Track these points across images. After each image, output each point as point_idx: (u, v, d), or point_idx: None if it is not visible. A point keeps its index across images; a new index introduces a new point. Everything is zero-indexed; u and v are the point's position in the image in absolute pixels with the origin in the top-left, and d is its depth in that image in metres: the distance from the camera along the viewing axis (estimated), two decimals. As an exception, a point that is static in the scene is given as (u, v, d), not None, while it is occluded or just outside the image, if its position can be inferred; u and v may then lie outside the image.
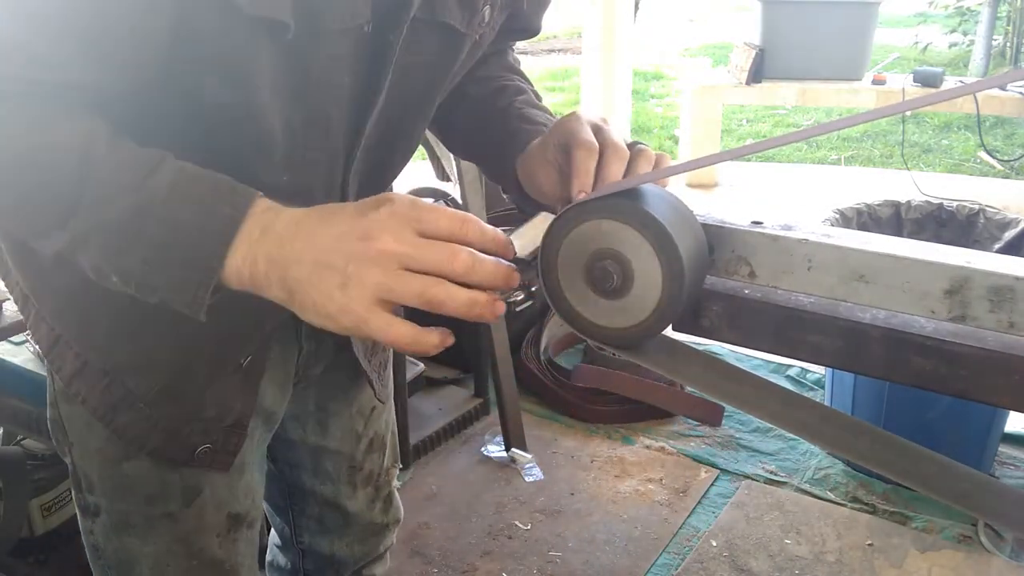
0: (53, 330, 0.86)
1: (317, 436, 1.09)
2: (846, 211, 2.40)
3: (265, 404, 0.95)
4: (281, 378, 0.96)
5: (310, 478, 1.12)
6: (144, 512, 0.92)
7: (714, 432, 2.46)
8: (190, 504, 0.92)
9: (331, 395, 1.08)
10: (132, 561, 0.94)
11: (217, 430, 0.89)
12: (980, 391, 0.67)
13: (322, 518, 1.14)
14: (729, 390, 0.78)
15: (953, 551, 1.99)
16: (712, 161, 0.75)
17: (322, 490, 1.12)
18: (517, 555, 2.01)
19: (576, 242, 0.74)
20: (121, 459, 0.89)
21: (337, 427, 1.09)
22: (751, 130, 5.96)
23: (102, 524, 0.94)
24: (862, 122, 0.63)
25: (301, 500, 1.14)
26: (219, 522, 0.95)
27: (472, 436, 2.47)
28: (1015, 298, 0.65)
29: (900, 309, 0.70)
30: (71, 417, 0.90)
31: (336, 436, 1.10)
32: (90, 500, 0.94)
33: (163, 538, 0.93)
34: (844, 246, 0.71)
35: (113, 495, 0.92)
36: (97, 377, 0.85)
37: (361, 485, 1.14)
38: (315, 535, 1.16)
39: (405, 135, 0.88)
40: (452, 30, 0.79)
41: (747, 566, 1.96)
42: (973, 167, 5.02)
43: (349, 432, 1.10)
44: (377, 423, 1.14)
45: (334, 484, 1.12)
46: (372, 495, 1.16)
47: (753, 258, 0.75)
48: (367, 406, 1.11)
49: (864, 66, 4.31)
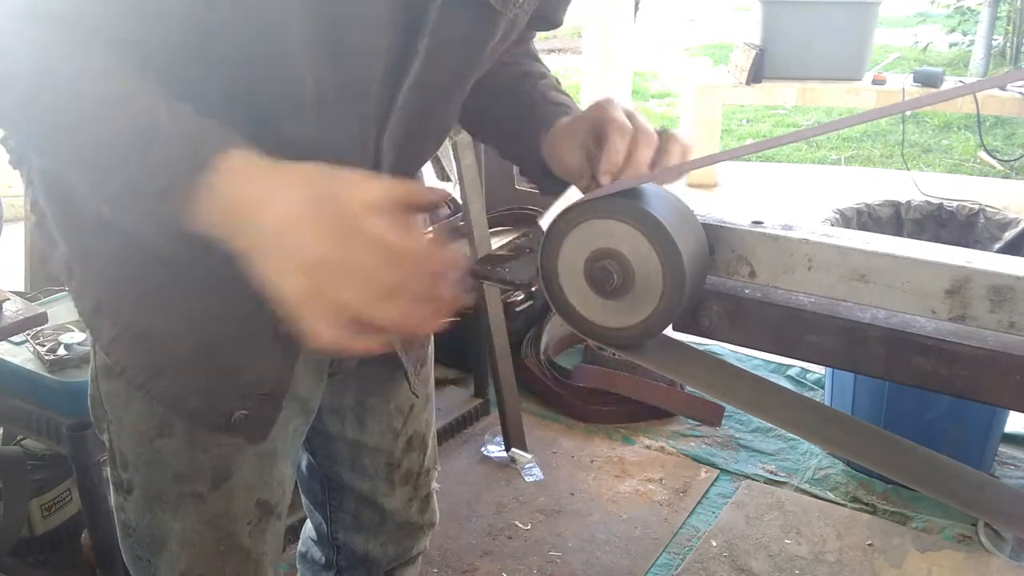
0: (93, 298, 0.88)
1: (355, 431, 1.10)
2: (846, 211, 2.40)
3: (299, 391, 0.96)
4: (315, 365, 0.97)
5: (348, 473, 1.13)
6: (174, 490, 0.93)
7: (714, 432, 2.46)
8: (219, 487, 0.94)
9: (369, 390, 1.08)
10: (163, 537, 0.95)
11: (253, 396, 0.89)
12: (980, 391, 0.67)
13: (358, 514, 1.15)
14: (729, 390, 0.78)
15: (953, 551, 1.99)
16: (712, 161, 0.75)
17: (360, 486, 1.13)
18: (517, 555, 2.01)
19: (576, 242, 0.74)
20: (154, 436, 0.91)
21: (375, 423, 1.10)
22: (751, 130, 5.95)
23: (135, 500, 0.95)
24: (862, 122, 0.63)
25: (339, 495, 1.15)
26: (248, 509, 0.96)
27: (472, 436, 2.46)
28: (1015, 298, 0.65)
29: (900, 309, 0.70)
30: (110, 393, 0.92)
31: (374, 432, 1.10)
32: (124, 477, 0.95)
33: (190, 517, 0.94)
34: (844, 246, 0.71)
35: (147, 471, 0.93)
36: (133, 343, 0.87)
37: (400, 483, 1.14)
38: (350, 531, 1.17)
39: (440, 111, 0.89)
40: (487, 7, 0.80)
41: (747, 566, 1.96)
42: (973, 167, 5.02)
43: (387, 429, 1.11)
44: (417, 421, 1.14)
45: (372, 480, 1.13)
46: (410, 493, 1.16)
47: (753, 258, 0.75)
48: (406, 403, 1.12)
49: (864, 66, 4.31)
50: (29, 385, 1.57)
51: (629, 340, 0.76)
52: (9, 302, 1.47)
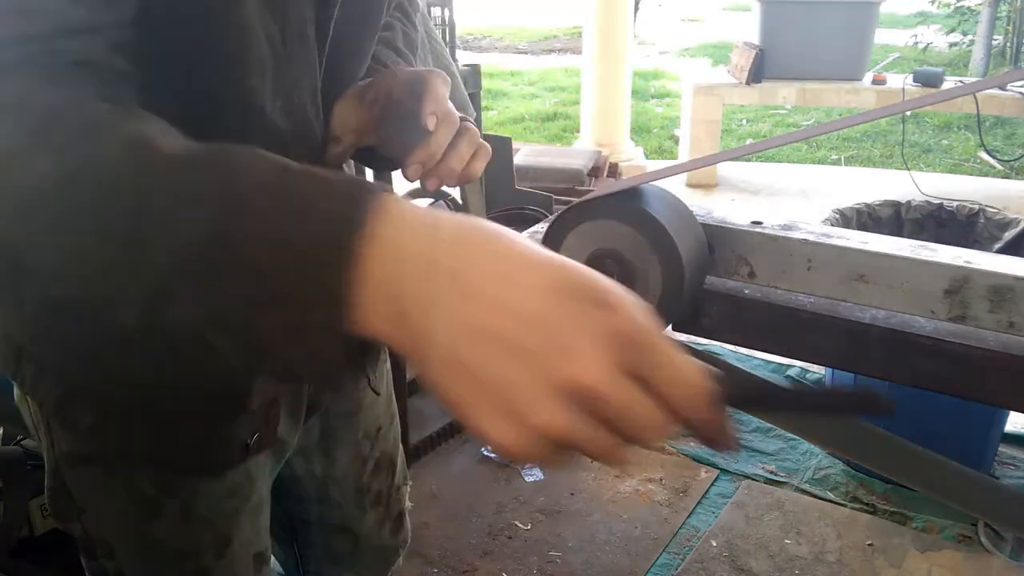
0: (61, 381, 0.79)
1: (323, 466, 1.06)
2: (846, 211, 2.40)
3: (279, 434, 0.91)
4: (294, 407, 0.93)
5: (316, 507, 1.09)
6: (177, 569, 0.88)
7: (714, 432, 2.46)
8: (223, 555, 0.89)
9: (336, 424, 1.05)
10: None
11: (257, 417, 0.85)
12: (980, 391, 0.67)
13: (329, 544, 1.12)
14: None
15: (953, 551, 1.99)
16: (712, 161, 0.75)
17: (329, 516, 1.09)
18: (517, 555, 2.01)
19: (576, 241, 0.74)
20: (146, 520, 0.84)
21: (343, 453, 1.07)
22: (751, 130, 5.96)
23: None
24: (862, 122, 0.63)
25: (305, 531, 1.11)
26: (248, 565, 0.93)
27: (472, 436, 2.46)
28: (1015, 298, 0.65)
29: (900, 309, 0.70)
30: (80, 482, 0.84)
31: (342, 463, 1.07)
32: (109, 566, 0.88)
33: None
34: (844, 246, 0.71)
35: (142, 555, 0.87)
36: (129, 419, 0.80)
37: (371, 506, 1.11)
38: (323, 562, 1.13)
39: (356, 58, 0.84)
40: None
41: (747, 566, 1.96)
42: (973, 167, 5.02)
43: (355, 456, 1.08)
44: (385, 443, 1.11)
45: (341, 508, 1.09)
46: (382, 515, 1.13)
47: (753, 258, 0.75)
48: (372, 428, 1.08)
49: (864, 66, 4.31)
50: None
51: (629, 340, 0.76)
52: (9, 302, 1.46)
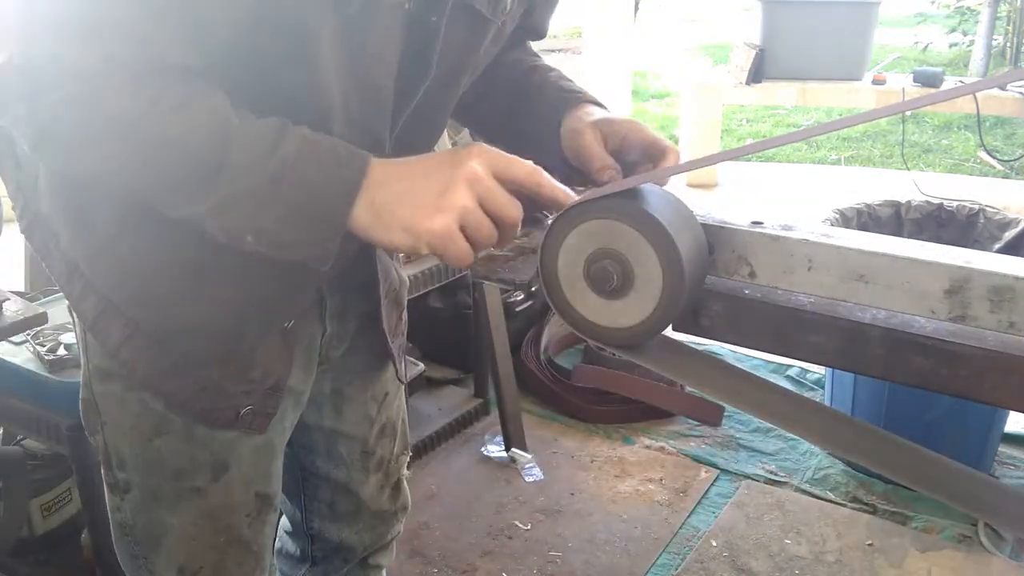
0: (102, 299, 0.87)
1: (332, 420, 1.11)
2: (846, 211, 2.40)
3: (294, 384, 0.98)
4: (306, 360, 0.99)
5: (324, 462, 1.14)
6: (173, 486, 0.94)
7: (714, 432, 2.46)
8: (218, 479, 0.95)
9: (348, 380, 1.10)
10: (160, 535, 0.96)
11: (259, 391, 0.92)
12: (980, 391, 0.67)
13: (333, 503, 1.17)
14: (729, 389, 0.78)
15: (953, 551, 1.99)
16: (712, 161, 0.75)
17: (336, 475, 1.14)
18: (517, 555, 2.01)
19: (576, 242, 0.74)
20: (152, 435, 0.92)
21: (352, 411, 1.12)
22: (751, 130, 5.95)
23: (132, 500, 0.96)
24: (862, 122, 0.63)
25: (314, 485, 1.16)
26: (247, 501, 0.98)
27: (472, 436, 2.46)
28: (1015, 298, 0.65)
29: (900, 309, 0.70)
30: (105, 395, 0.93)
31: (351, 420, 1.12)
32: (120, 477, 0.96)
33: (190, 512, 0.96)
34: (844, 246, 0.71)
35: (145, 470, 0.94)
36: (146, 344, 0.88)
37: (373, 470, 1.16)
38: (325, 520, 1.18)
39: (438, 110, 0.92)
40: (479, 15, 0.85)
41: (747, 566, 1.96)
42: (973, 167, 5.02)
43: (363, 417, 1.13)
44: (389, 409, 1.16)
45: (347, 469, 1.14)
46: (382, 481, 1.18)
47: (753, 258, 0.75)
48: (380, 392, 1.14)
49: (864, 66, 4.31)
50: (29, 385, 1.57)
51: (629, 340, 0.76)
52: (9, 302, 1.47)
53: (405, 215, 0.73)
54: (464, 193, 0.72)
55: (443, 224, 0.72)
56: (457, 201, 0.72)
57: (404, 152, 0.92)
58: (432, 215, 0.72)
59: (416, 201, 0.73)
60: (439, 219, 0.72)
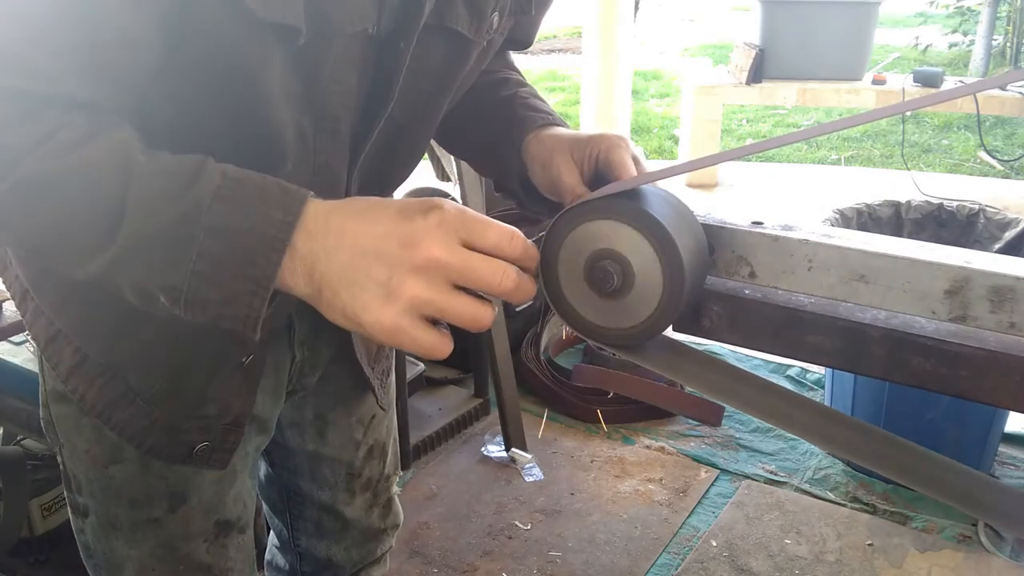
0: (52, 324, 0.84)
1: (315, 443, 1.08)
2: (846, 211, 2.40)
3: (258, 413, 0.94)
4: (273, 386, 0.95)
5: (308, 483, 1.11)
6: (129, 515, 0.91)
7: (714, 432, 2.46)
8: (176, 511, 0.92)
9: (330, 405, 1.07)
10: (120, 563, 0.94)
11: (216, 428, 0.88)
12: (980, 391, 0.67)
13: (319, 522, 1.14)
14: (729, 390, 0.78)
15: (953, 551, 1.99)
16: (712, 161, 0.75)
17: (319, 496, 1.12)
18: (517, 555, 2.01)
19: (576, 242, 0.74)
20: (108, 462, 0.89)
21: (336, 436, 1.08)
22: (751, 130, 5.95)
23: (91, 524, 0.94)
24: (862, 122, 0.63)
25: (299, 504, 1.14)
26: (206, 528, 0.95)
27: (472, 436, 2.47)
28: (1015, 298, 0.65)
29: (900, 309, 0.70)
30: (61, 417, 0.90)
31: (335, 444, 1.09)
32: (79, 500, 0.93)
33: (148, 542, 0.92)
34: (844, 246, 0.71)
35: (100, 496, 0.91)
36: (96, 372, 0.84)
37: (359, 491, 1.13)
38: (312, 538, 1.15)
39: (408, 143, 0.86)
40: (460, 37, 0.78)
41: (747, 566, 1.96)
42: (973, 167, 5.02)
43: (348, 440, 1.09)
44: (378, 431, 1.13)
45: (332, 490, 1.11)
46: (370, 500, 1.15)
47: (753, 258, 0.75)
48: (367, 415, 1.10)
49: (864, 66, 4.31)
50: (29, 385, 1.56)
51: (629, 340, 0.76)
52: (9, 302, 1.47)
53: (347, 301, 0.60)
54: (415, 283, 0.59)
55: (392, 319, 0.59)
56: (405, 291, 0.59)
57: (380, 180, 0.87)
58: (379, 306, 0.59)
59: (359, 283, 0.59)
60: (387, 313, 0.59)
